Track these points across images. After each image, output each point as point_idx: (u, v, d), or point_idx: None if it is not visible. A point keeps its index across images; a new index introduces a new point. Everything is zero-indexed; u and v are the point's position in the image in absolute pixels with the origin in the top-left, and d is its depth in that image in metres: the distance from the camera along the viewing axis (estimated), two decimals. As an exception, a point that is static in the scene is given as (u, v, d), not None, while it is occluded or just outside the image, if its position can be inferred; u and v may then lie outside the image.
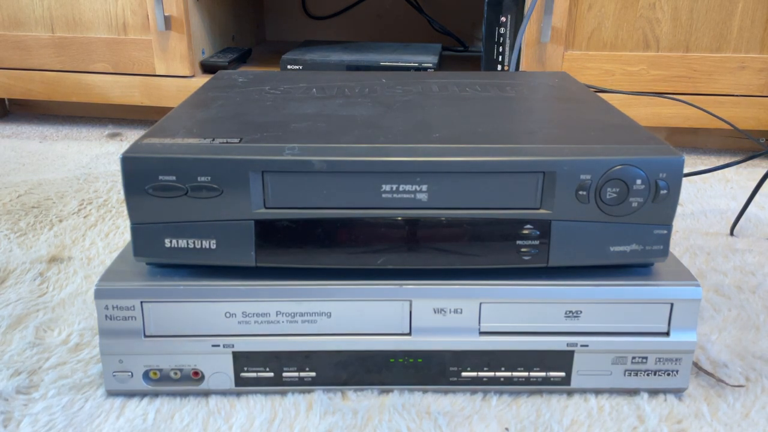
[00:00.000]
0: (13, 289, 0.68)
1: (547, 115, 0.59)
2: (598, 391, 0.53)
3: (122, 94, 1.23)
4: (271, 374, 0.51)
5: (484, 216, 0.48)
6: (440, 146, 0.48)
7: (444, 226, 0.48)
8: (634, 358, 0.51)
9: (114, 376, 0.51)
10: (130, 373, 0.51)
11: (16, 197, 0.93)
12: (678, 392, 0.53)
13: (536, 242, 0.48)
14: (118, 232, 0.82)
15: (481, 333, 0.51)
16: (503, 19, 1.15)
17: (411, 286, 0.49)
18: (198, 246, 0.48)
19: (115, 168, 1.08)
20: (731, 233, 0.84)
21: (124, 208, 0.90)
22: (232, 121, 0.53)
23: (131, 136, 1.28)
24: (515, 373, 0.52)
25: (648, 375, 0.52)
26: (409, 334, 0.51)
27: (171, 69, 1.20)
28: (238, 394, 0.52)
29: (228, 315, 0.50)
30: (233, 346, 0.50)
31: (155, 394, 0.52)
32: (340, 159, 0.46)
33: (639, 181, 0.47)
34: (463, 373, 0.52)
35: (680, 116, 1.12)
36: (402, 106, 0.59)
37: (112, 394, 0.52)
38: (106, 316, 0.49)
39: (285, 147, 0.47)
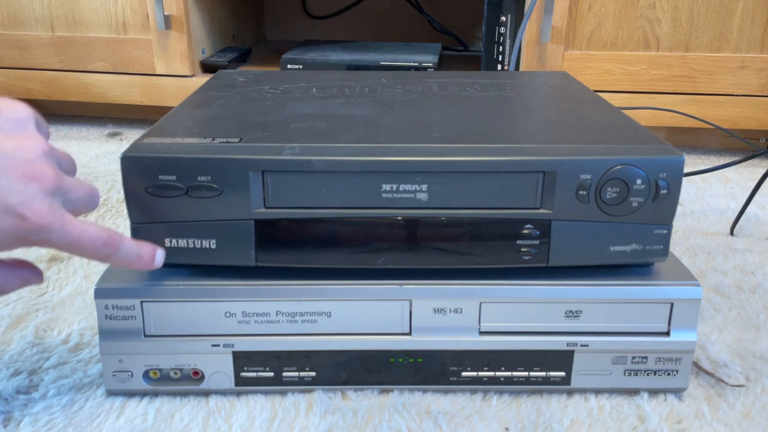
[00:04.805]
0: (13, 289, 0.68)
1: (547, 115, 0.59)
2: (598, 391, 0.53)
3: (122, 93, 1.23)
4: (271, 374, 0.51)
5: (484, 216, 0.48)
6: (440, 146, 0.48)
7: (444, 225, 0.48)
8: (634, 357, 0.51)
9: (114, 375, 0.51)
10: (130, 373, 0.51)
11: (15, 197, 0.93)
12: (678, 392, 0.53)
13: (536, 242, 0.48)
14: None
15: (481, 333, 0.51)
16: (503, 18, 1.14)
17: (411, 286, 0.49)
18: (198, 246, 0.48)
19: (115, 167, 1.08)
20: (731, 233, 0.84)
21: (124, 208, 0.90)
22: (232, 121, 0.53)
23: (131, 135, 1.28)
24: (515, 373, 0.52)
25: (648, 375, 0.52)
26: (409, 333, 0.51)
27: (171, 68, 1.20)
28: (238, 393, 0.52)
29: (228, 315, 0.49)
30: (233, 345, 0.50)
31: (155, 394, 0.52)
32: (340, 159, 0.46)
33: (639, 181, 0.47)
34: (463, 373, 0.52)
35: (680, 116, 1.12)
36: (402, 106, 0.59)
37: (112, 393, 0.52)
38: (106, 315, 0.49)
39: (285, 147, 0.47)
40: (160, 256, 0.47)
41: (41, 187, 0.40)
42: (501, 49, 1.16)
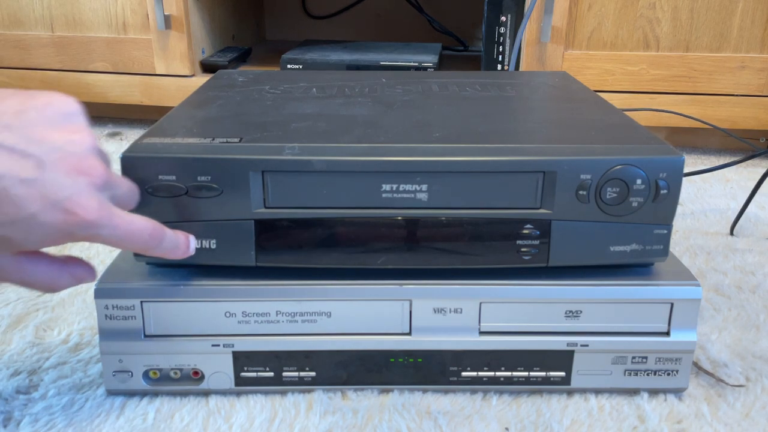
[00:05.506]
0: (12, 289, 0.68)
1: (547, 115, 0.59)
2: (598, 391, 0.53)
3: (122, 93, 1.23)
4: (271, 374, 0.51)
5: (484, 216, 0.48)
6: (440, 146, 0.48)
7: (444, 225, 0.48)
8: (634, 357, 0.51)
9: (114, 375, 0.51)
10: (130, 373, 0.51)
11: (15, 197, 0.93)
12: (678, 392, 0.53)
13: (536, 242, 0.48)
14: (118, 232, 0.82)
15: (481, 333, 0.51)
16: (503, 18, 1.14)
17: (411, 286, 0.49)
18: (198, 246, 0.48)
19: (115, 167, 1.07)
20: (731, 233, 0.84)
21: (124, 208, 0.90)
22: (232, 121, 0.53)
23: (131, 135, 1.28)
24: (515, 373, 0.52)
25: (648, 375, 0.52)
26: (409, 333, 0.51)
27: (171, 68, 1.20)
28: (238, 393, 0.52)
29: (228, 315, 0.49)
30: (233, 345, 0.50)
31: (155, 394, 0.52)
32: (340, 159, 0.46)
33: (639, 181, 0.47)
34: (463, 373, 0.52)
35: (680, 116, 1.12)
36: (402, 106, 0.59)
37: (112, 393, 0.52)
38: (106, 315, 0.49)
39: (285, 147, 0.47)
40: (193, 243, 0.47)
41: (90, 182, 0.39)
42: (501, 49, 1.16)
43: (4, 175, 0.36)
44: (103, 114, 1.38)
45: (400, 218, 0.48)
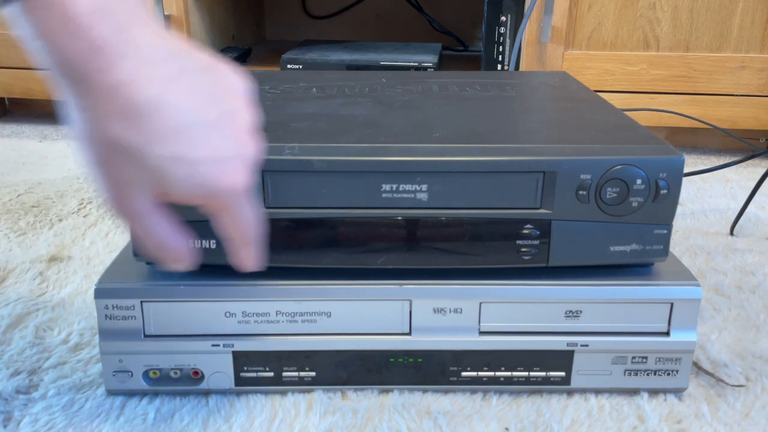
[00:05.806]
0: (12, 289, 0.68)
1: (547, 115, 0.59)
2: (598, 391, 0.53)
3: (122, 93, 1.23)
4: (271, 374, 0.51)
5: (484, 216, 0.48)
6: (440, 146, 0.48)
7: (444, 225, 0.48)
8: (634, 357, 0.51)
9: (114, 375, 0.51)
10: (130, 373, 0.51)
11: (15, 196, 0.93)
12: (678, 392, 0.53)
13: (536, 242, 0.48)
14: (118, 232, 0.82)
15: (481, 333, 0.51)
16: (503, 18, 1.14)
17: (411, 286, 0.49)
18: (198, 246, 0.48)
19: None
20: (731, 233, 0.84)
21: (124, 208, 0.90)
22: (232, 121, 0.53)
23: (131, 135, 1.27)
24: (515, 373, 0.52)
25: (648, 375, 0.52)
26: (409, 333, 0.51)
27: (171, 68, 1.20)
28: (238, 393, 0.52)
29: (228, 315, 0.49)
30: (233, 345, 0.50)
31: (155, 394, 0.52)
32: (340, 159, 0.46)
33: (639, 181, 0.47)
34: (463, 373, 0.52)
35: (680, 116, 1.12)
36: (402, 106, 0.59)
37: (112, 393, 0.52)
38: (106, 315, 0.49)
39: (285, 147, 0.47)
40: None
41: (250, 155, 0.38)
42: (501, 49, 1.16)
43: (191, 109, 0.35)
44: (103, 114, 1.38)
45: (400, 218, 0.48)
